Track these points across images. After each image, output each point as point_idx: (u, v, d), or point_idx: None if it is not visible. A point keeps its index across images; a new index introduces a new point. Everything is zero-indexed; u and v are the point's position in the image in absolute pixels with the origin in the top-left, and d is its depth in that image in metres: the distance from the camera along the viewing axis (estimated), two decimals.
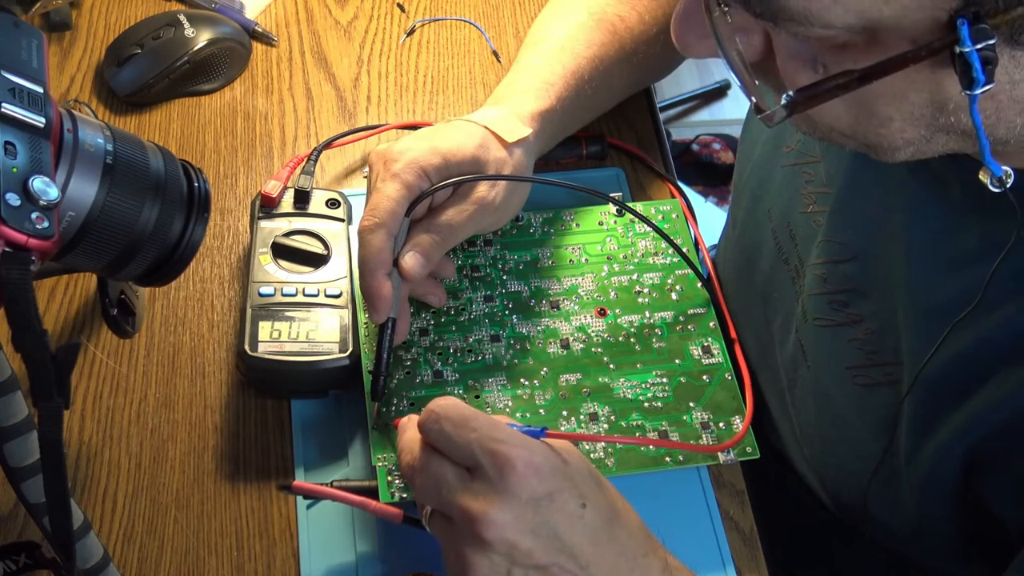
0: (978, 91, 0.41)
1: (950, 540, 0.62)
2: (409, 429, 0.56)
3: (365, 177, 0.68)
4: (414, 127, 0.84)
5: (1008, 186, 0.45)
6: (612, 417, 0.66)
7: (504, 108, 0.70)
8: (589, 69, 0.75)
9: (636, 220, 0.75)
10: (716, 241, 0.88)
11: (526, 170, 0.70)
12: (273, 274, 0.69)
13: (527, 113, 0.71)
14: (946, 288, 0.55)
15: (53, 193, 0.44)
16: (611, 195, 0.71)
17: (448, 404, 0.54)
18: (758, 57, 0.49)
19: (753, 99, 0.48)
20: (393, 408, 0.65)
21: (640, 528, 0.55)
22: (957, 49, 0.41)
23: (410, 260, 0.64)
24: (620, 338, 0.69)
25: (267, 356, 0.66)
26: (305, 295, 0.69)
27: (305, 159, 0.78)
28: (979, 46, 0.41)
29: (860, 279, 0.62)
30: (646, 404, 0.67)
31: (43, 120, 0.45)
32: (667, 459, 0.65)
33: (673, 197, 0.80)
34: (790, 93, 0.46)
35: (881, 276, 0.60)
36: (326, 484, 0.63)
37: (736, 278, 0.75)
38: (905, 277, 0.58)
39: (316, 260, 0.71)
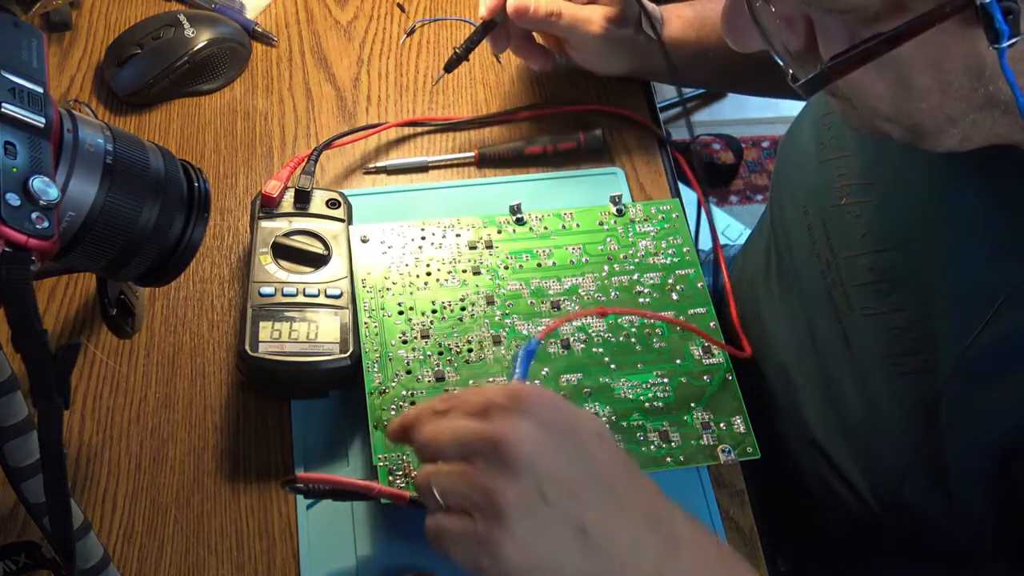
0: (1005, 44, 0.42)
1: (985, 532, 0.62)
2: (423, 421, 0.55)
3: None
4: (415, 123, 0.85)
5: None
6: (613, 417, 0.66)
7: None
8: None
9: (637, 220, 0.75)
10: (719, 241, 0.88)
11: (628, 64, 0.83)
12: (274, 274, 0.69)
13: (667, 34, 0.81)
14: (989, 274, 0.56)
15: (53, 193, 0.44)
16: (612, 194, 0.72)
17: (424, 429, 0.53)
18: (803, 47, 0.50)
19: (790, 71, 0.50)
20: (394, 408, 0.65)
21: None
22: (977, 2, 0.42)
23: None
24: (621, 338, 0.69)
25: (268, 356, 0.65)
26: (306, 295, 0.69)
27: (305, 159, 0.77)
28: None
29: (902, 268, 0.62)
30: (647, 404, 0.67)
31: (43, 120, 0.45)
32: (668, 459, 0.64)
33: (675, 196, 0.80)
34: (824, 63, 0.47)
35: (922, 264, 0.61)
36: (326, 485, 0.63)
37: (775, 275, 0.76)
38: (947, 264, 0.59)
39: (316, 260, 0.70)
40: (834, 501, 0.71)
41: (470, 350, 0.68)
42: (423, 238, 0.73)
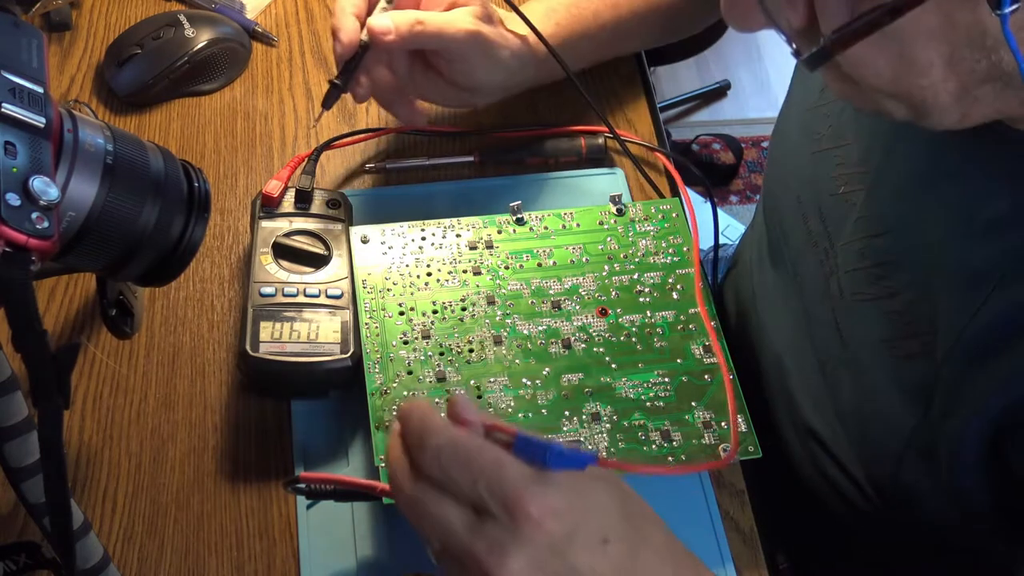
0: (1007, 10, 0.41)
1: (985, 513, 0.62)
2: (396, 448, 0.51)
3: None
4: (416, 132, 0.84)
5: None
6: (615, 417, 0.66)
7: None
8: (604, 6, 0.80)
9: (637, 220, 0.75)
10: (716, 241, 0.89)
11: (512, 66, 0.76)
12: (274, 274, 0.69)
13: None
14: (984, 253, 0.56)
15: (53, 193, 0.44)
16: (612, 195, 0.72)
17: (444, 435, 0.49)
18: (804, 23, 0.49)
19: (794, 45, 0.49)
20: (395, 409, 0.65)
21: (667, 546, 0.53)
22: None
23: (377, 18, 0.70)
24: (622, 338, 0.69)
25: (268, 357, 0.65)
26: (306, 295, 0.68)
27: (306, 159, 0.77)
28: None
29: (896, 251, 0.63)
30: (648, 404, 0.66)
31: (43, 120, 0.45)
32: (669, 459, 0.64)
33: (675, 196, 0.80)
34: (826, 35, 0.46)
35: (916, 246, 0.61)
36: (328, 485, 0.62)
37: (769, 267, 0.76)
38: (941, 245, 0.59)
39: (317, 260, 0.70)
40: (832, 491, 0.71)
41: (471, 350, 0.68)
42: (423, 238, 0.73)
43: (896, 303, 0.62)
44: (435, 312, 0.69)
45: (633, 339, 0.69)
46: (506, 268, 0.72)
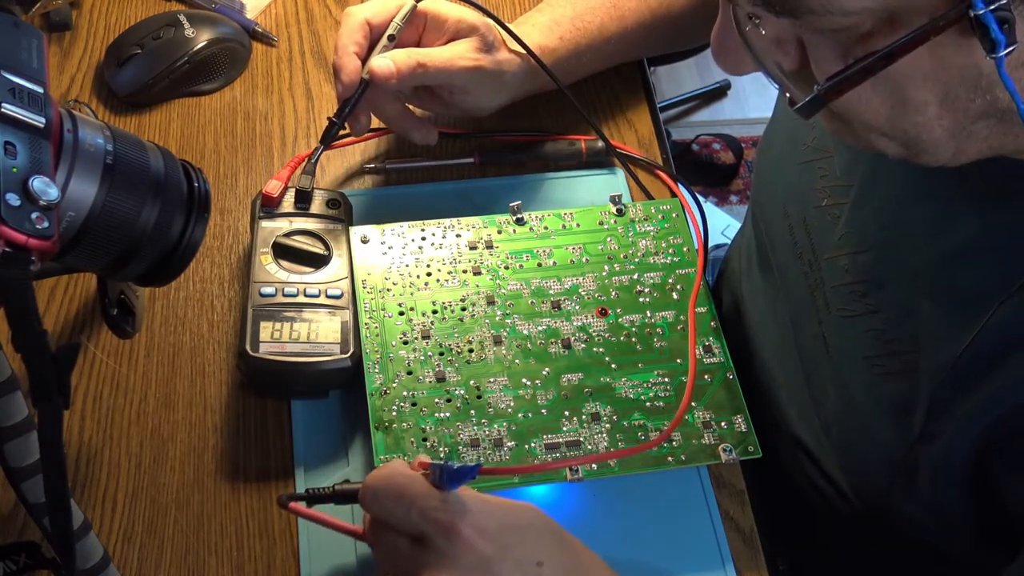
0: (1002, 53, 0.42)
1: (967, 527, 0.62)
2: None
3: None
4: None
5: None
6: (614, 417, 0.66)
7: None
8: (609, 18, 0.80)
9: (637, 220, 0.75)
10: (719, 240, 0.89)
11: (513, 85, 0.77)
12: (274, 274, 0.69)
13: (531, 44, 0.76)
14: (964, 276, 0.56)
15: (53, 193, 0.44)
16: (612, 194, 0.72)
17: (380, 477, 0.55)
18: (796, 66, 0.49)
19: (787, 95, 0.49)
20: (395, 409, 0.65)
21: None
22: (972, 13, 0.41)
23: (378, 60, 0.71)
24: (621, 338, 0.69)
25: (268, 356, 0.65)
26: (306, 295, 0.68)
27: (306, 159, 0.77)
28: (992, 7, 0.41)
29: (877, 269, 0.62)
30: (648, 404, 0.67)
31: (43, 120, 0.45)
32: (669, 459, 0.64)
33: (674, 196, 0.80)
34: (820, 83, 0.47)
35: (899, 265, 0.61)
36: (327, 488, 0.62)
37: (757, 274, 0.76)
38: (923, 265, 0.58)
39: (317, 260, 0.70)
40: (820, 498, 0.71)
41: (471, 350, 0.68)
42: (423, 238, 0.73)
43: (878, 321, 0.62)
44: (435, 312, 0.69)
45: (633, 339, 0.69)
46: (506, 268, 0.72)
